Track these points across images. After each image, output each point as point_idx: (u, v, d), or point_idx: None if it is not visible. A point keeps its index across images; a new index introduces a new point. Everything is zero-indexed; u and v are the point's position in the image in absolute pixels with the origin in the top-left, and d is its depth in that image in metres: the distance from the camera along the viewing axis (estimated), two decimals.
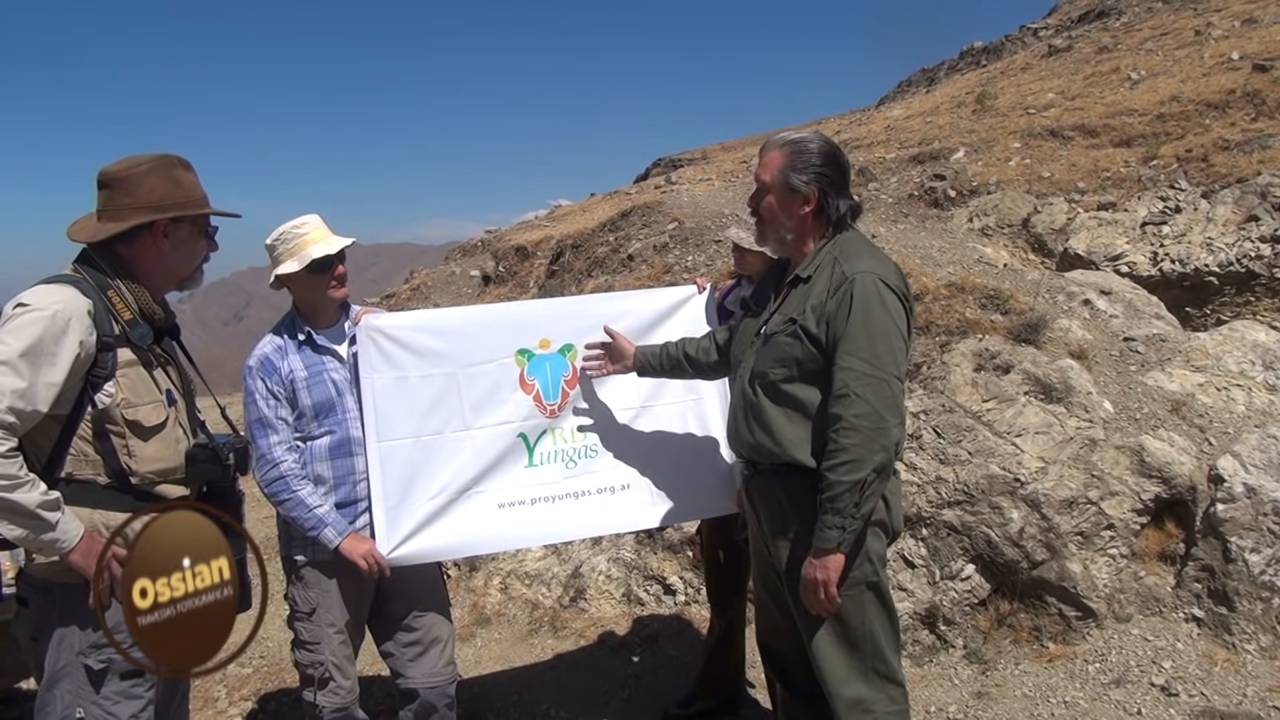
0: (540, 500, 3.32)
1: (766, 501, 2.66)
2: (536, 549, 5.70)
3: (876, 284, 2.40)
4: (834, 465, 2.34)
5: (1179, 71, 10.20)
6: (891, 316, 2.39)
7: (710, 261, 8.06)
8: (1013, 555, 4.34)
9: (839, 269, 2.46)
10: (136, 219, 2.38)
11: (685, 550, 5.22)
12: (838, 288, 2.43)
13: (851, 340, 2.36)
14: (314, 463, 3.05)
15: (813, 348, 2.45)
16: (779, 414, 2.52)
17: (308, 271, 3.00)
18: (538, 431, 3.34)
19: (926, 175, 8.97)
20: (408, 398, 3.19)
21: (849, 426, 2.32)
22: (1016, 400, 4.77)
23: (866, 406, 2.31)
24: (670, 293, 3.61)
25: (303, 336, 3.10)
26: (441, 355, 3.26)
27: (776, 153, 2.58)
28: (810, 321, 2.45)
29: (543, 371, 3.37)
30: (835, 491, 2.33)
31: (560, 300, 3.72)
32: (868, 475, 2.32)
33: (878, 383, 2.32)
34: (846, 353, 2.36)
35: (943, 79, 19.89)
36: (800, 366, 2.48)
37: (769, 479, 2.61)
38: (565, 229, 12.43)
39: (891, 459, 2.38)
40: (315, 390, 3.05)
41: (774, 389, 2.54)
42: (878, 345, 2.35)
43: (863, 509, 2.35)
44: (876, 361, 2.33)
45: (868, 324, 2.36)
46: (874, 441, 2.31)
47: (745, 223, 3.49)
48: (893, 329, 2.38)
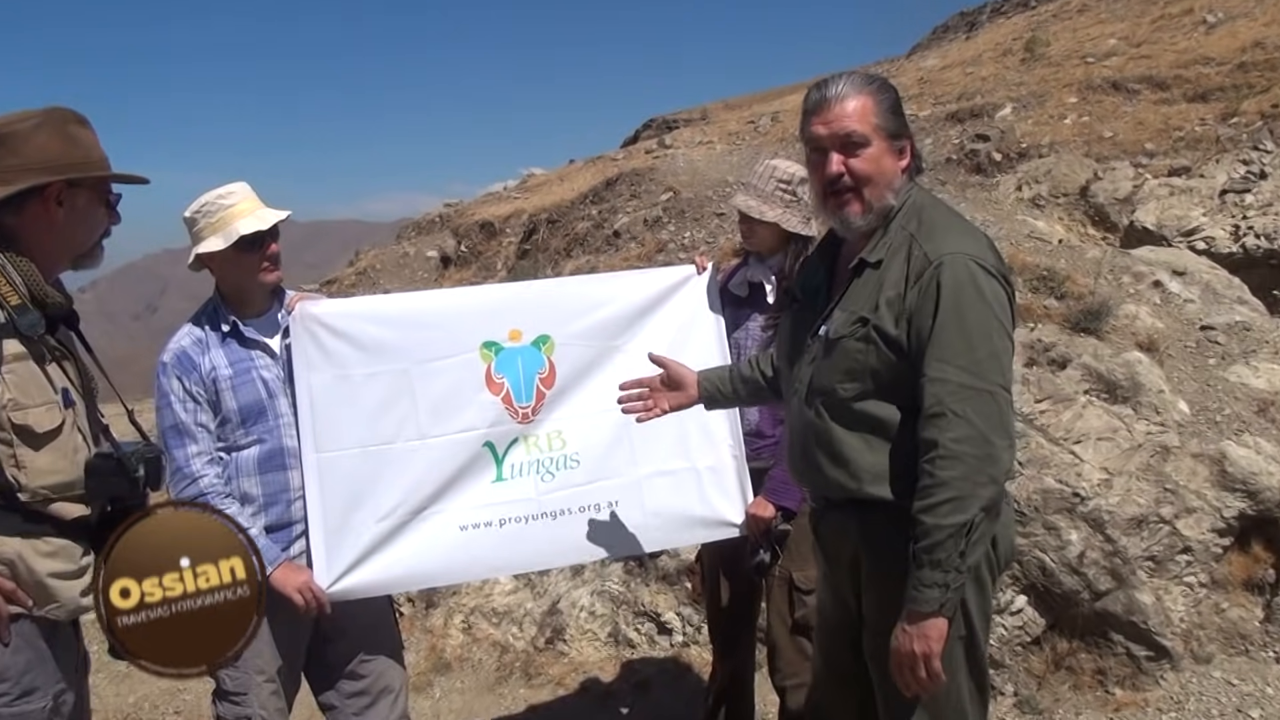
0: (510, 521, 3.30)
1: (840, 545, 2.57)
2: (506, 580, 5.68)
3: (971, 268, 2.26)
4: (930, 505, 2.20)
5: (1263, 13, 10.27)
6: (992, 309, 2.25)
7: (711, 238, 8.06)
8: (1072, 584, 4.34)
9: (918, 249, 2.32)
10: (25, 182, 2.34)
11: (683, 581, 5.20)
12: (919, 274, 2.29)
13: (943, 343, 2.23)
14: (240, 477, 3.03)
15: (891, 354, 2.31)
16: (853, 439, 2.40)
17: (234, 250, 2.97)
18: (507, 439, 3.33)
19: (967, 136, 8.99)
20: (352, 400, 3.17)
21: (948, 455, 2.18)
22: (1075, 400, 4.77)
23: (968, 428, 2.18)
24: (664, 274, 3.59)
25: (227, 327, 3.07)
26: (392, 349, 3.24)
27: (862, 97, 2.39)
28: (887, 320, 2.31)
29: (513, 368, 3.35)
30: (933, 539, 2.19)
31: (534, 284, 3.71)
32: (974, 516, 2.18)
33: (980, 396, 2.20)
34: (938, 359, 2.23)
35: (985, 23, 19.96)
36: (876, 378, 2.35)
37: (844, 515, 2.50)
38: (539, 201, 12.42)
39: (1002, 492, 2.26)
40: (242, 391, 3.03)
41: (843, 408, 2.41)
42: (977, 348, 2.22)
43: (969, 558, 2.21)
44: (977, 369, 2.21)
45: (963, 321, 2.23)
46: (980, 472, 2.18)
47: (754, 188, 3.48)
48: (994, 326, 2.25)
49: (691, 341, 3.47)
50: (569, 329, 3.40)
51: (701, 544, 3.90)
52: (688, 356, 3.40)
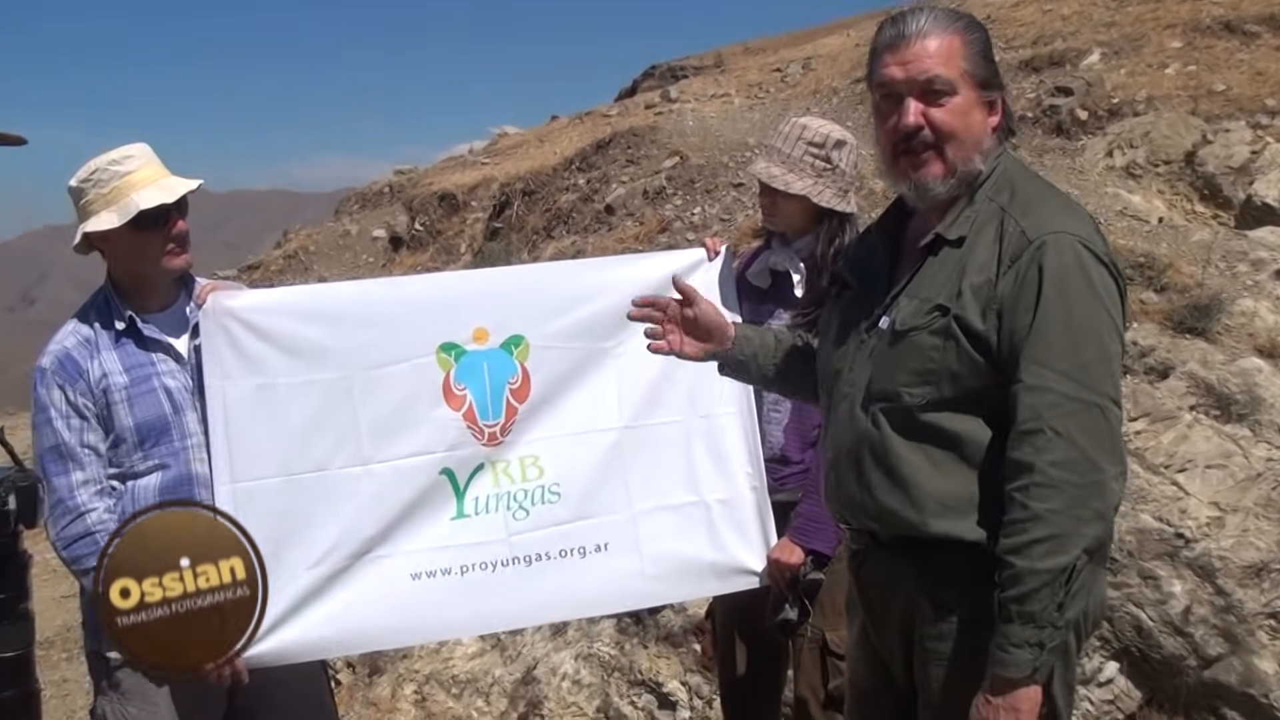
0: (474, 568, 3.31)
1: (889, 594, 2.55)
2: (469, 641, 5.68)
3: (1079, 251, 2.27)
4: (1022, 545, 2.19)
5: None
6: (1103, 303, 2.26)
7: (727, 214, 8.08)
8: (1174, 648, 4.34)
9: (1013, 225, 2.34)
10: None
11: (690, 643, 5.21)
12: (1015, 256, 2.30)
13: (1045, 343, 2.23)
14: None
15: (976, 353, 2.32)
16: (917, 458, 2.40)
17: (132, 228, 2.98)
18: (471, 466, 3.34)
19: (1045, 89, 9.01)
20: (277, 416, 3.18)
21: (1045, 483, 2.18)
22: (1179, 418, 4.77)
23: (1071, 450, 2.18)
24: (667, 260, 3.59)
25: (122, 325, 3.08)
26: (327, 353, 3.25)
27: (948, 36, 2.41)
28: (972, 311, 2.31)
29: (478, 377, 3.36)
30: (1026, 587, 2.18)
31: (505, 272, 3.72)
32: (1075, 559, 2.17)
33: (1087, 411, 2.20)
34: (1037, 363, 2.23)
35: None
36: (954, 383, 2.35)
37: (895, 559, 2.50)
38: (513, 168, 12.43)
39: (1110, 531, 2.27)
40: (140, 404, 3.04)
41: (908, 418, 2.40)
42: (1084, 350, 2.22)
43: (1068, 612, 2.20)
44: (1085, 377, 2.21)
45: (1069, 316, 2.23)
46: (1084, 505, 2.18)
47: (778, 153, 3.48)
48: (1105, 323, 2.26)
49: None
50: (548, 328, 3.40)
51: (713, 597, 3.90)
52: (694, 363, 3.41)
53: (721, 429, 3.50)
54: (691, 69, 26.09)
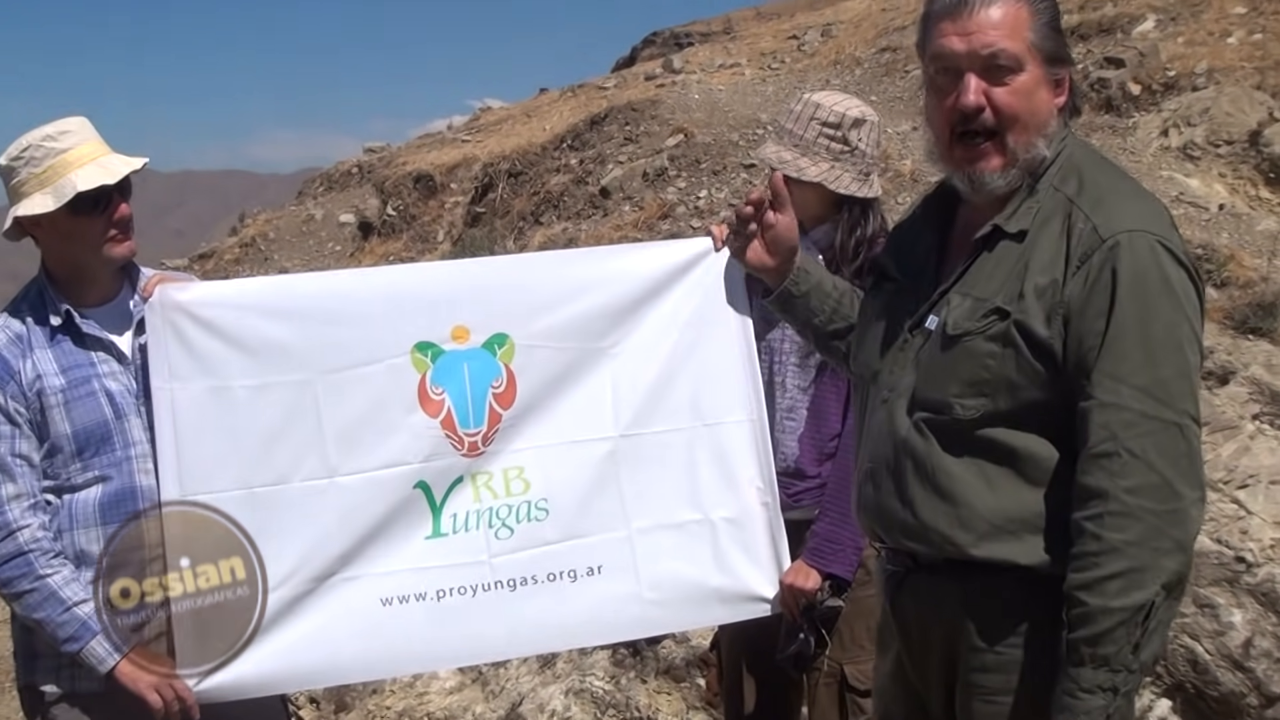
0: (452, 593, 3.31)
1: (930, 624, 2.55)
2: (447, 674, 5.69)
3: (1157, 252, 2.26)
4: (1095, 581, 2.19)
5: None
6: (1184, 311, 2.26)
7: (736, 198, 8.07)
8: (1234, 684, 4.33)
9: (1083, 220, 2.33)
10: None
11: (694, 677, 5.22)
12: (1085, 256, 2.29)
13: (1119, 355, 2.23)
14: (75, 529, 3.05)
15: (1038, 364, 2.32)
16: (969, 475, 2.40)
17: (69, 212, 2.99)
18: (449, 478, 3.34)
19: (1094, 60, 9.01)
20: (232, 423, 3.19)
21: (1121, 511, 2.19)
22: (1240, 428, 4.78)
23: (1150, 475, 2.18)
24: (670, 250, 3.60)
25: (58, 320, 3.08)
26: (289, 352, 3.26)
27: (1014, 5, 2.39)
28: (1035, 316, 2.31)
29: (457, 379, 3.36)
30: (1099, 627, 2.18)
31: (488, 263, 3.73)
32: (1154, 595, 2.17)
33: (1166, 431, 2.21)
34: (1111, 377, 2.23)
35: None
36: (1013, 395, 2.35)
37: (938, 583, 2.51)
38: (497, 146, 12.43)
39: (1190, 564, 2.26)
40: (78, 409, 3.04)
41: (959, 433, 2.41)
42: (1162, 364, 2.23)
43: (1144, 653, 2.20)
44: (1163, 393, 2.21)
45: (1148, 328, 2.23)
46: (1163, 535, 2.18)
47: (790, 135, 3.48)
48: (1185, 334, 2.26)
49: (705, 344, 3.48)
50: (535, 326, 3.40)
51: (719, 626, 3.91)
52: (699, 365, 3.41)
53: (729, 438, 3.49)
54: (698, 36, 26.11)
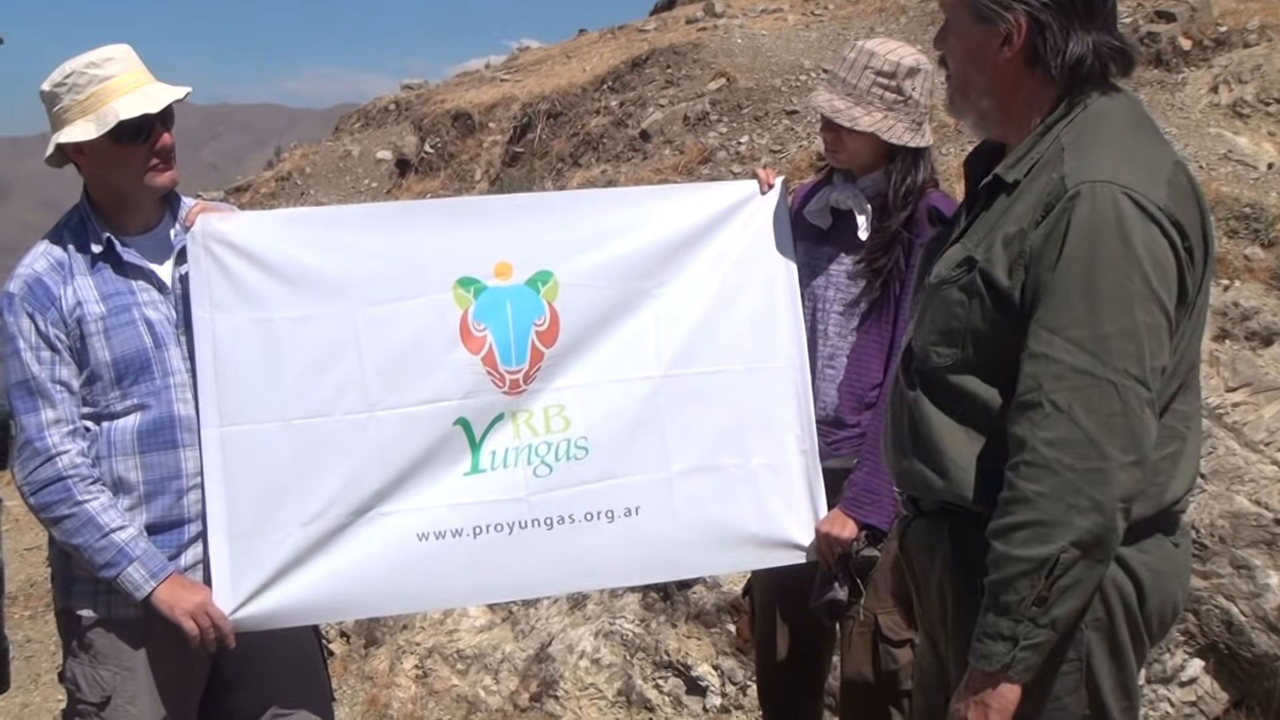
0: (489, 530, 3.32)
1: (926, 566, 2.60)
2: (478, 611, 5.73)
3: (1120, 203, 2.20)
4: (1003, 528, 2.23)
5: None
6: (1142, 268, 2.19)
7: (778, 145, 8.03)
8: (1269, 646, 4.34)
9: (1058, 170, 2.30)
10: None
11: (725, 622, 5.23)
12: (1050, 206, 2.27)
13: (1059, 307, 2.22)
14: (113, 457, 3.06)
15: (998, 313, 2.32)
16: (947, 425, 2.43)
17: (111, 140, 2.97)
18: (489, 415, 3.34)
19: (1143, 14, 8.92)
20: (273, 354, 3.19)
21: (1037, 462, 2.20)
22: None
23: (1070, 429, 2.18)
24: (715, 192, 3.58)
25: (99, 248, 3.08)
26: (330, 285, 3.25)
27: None
28: (998, 264, 2.32)
29: (500, 317, 3.35)
30: (1003, 574, 2.22)
31: (532, 198, 3.71)
32: (1060, 551, 2.17)
33: (1098, 387, 2.18)
34: (1047, 328, 2.22)
35: None
36: (978, 344, 2.37)
37: (934, 526, 2.54)
38: (536, 86, 12.37)
39: (1112, 527, 2.23)
40: (118, 337, 3.05)
41: (937, 381, 2.44)
42: (1105, 321, 2.19)
43: (1053, 609, 2.21)
44: (1100, 349, 2.18)
45: (1092, 281, 2.19)
46: (1077, 492, 2.17)
47: (843, 83, 3.44)
48: (1139, 293, 2.19)
49: (749, 289, 3.48)
50: (580, 264, 3.39)
51: (753, 571, 3.92)
52: (743, 309, 3.40)
53: (770, 384, 3.50)
54: None
